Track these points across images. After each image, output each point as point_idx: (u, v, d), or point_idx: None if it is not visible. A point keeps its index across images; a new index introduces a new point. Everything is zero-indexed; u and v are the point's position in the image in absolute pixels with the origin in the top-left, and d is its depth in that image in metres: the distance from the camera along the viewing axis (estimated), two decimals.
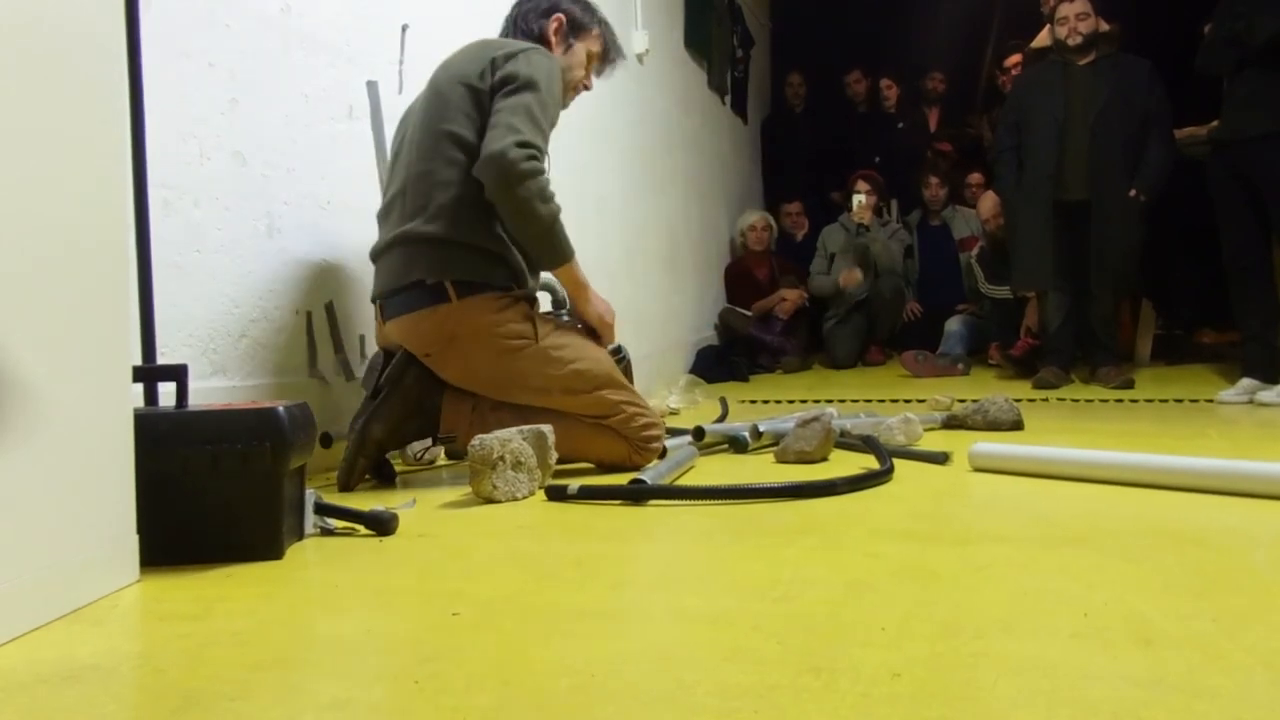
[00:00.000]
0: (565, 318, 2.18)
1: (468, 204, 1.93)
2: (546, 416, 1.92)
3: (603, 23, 2.27)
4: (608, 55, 2.29)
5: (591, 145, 3.67)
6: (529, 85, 1.93)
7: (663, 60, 4.58)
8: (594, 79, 2.30)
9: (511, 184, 1.86)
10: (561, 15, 2.20)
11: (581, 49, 2.22)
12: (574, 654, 0.91)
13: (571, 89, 2.21)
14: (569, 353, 1.99)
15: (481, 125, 1.94)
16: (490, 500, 1.70)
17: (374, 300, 2.05)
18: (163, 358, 1.71)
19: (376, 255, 2.04)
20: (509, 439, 1.73)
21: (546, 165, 1.93)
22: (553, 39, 2.18)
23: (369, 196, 2.44)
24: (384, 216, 2.06)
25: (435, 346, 1.95)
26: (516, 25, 2.22)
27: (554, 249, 1.98)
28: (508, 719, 0.77)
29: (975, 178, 5.49)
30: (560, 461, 1.89)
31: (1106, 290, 3.94)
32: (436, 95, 2.02)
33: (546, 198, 1.91)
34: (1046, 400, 3.52)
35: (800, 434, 2.09)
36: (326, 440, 2.11)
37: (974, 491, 1.77)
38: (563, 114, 2.14)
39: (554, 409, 1.97)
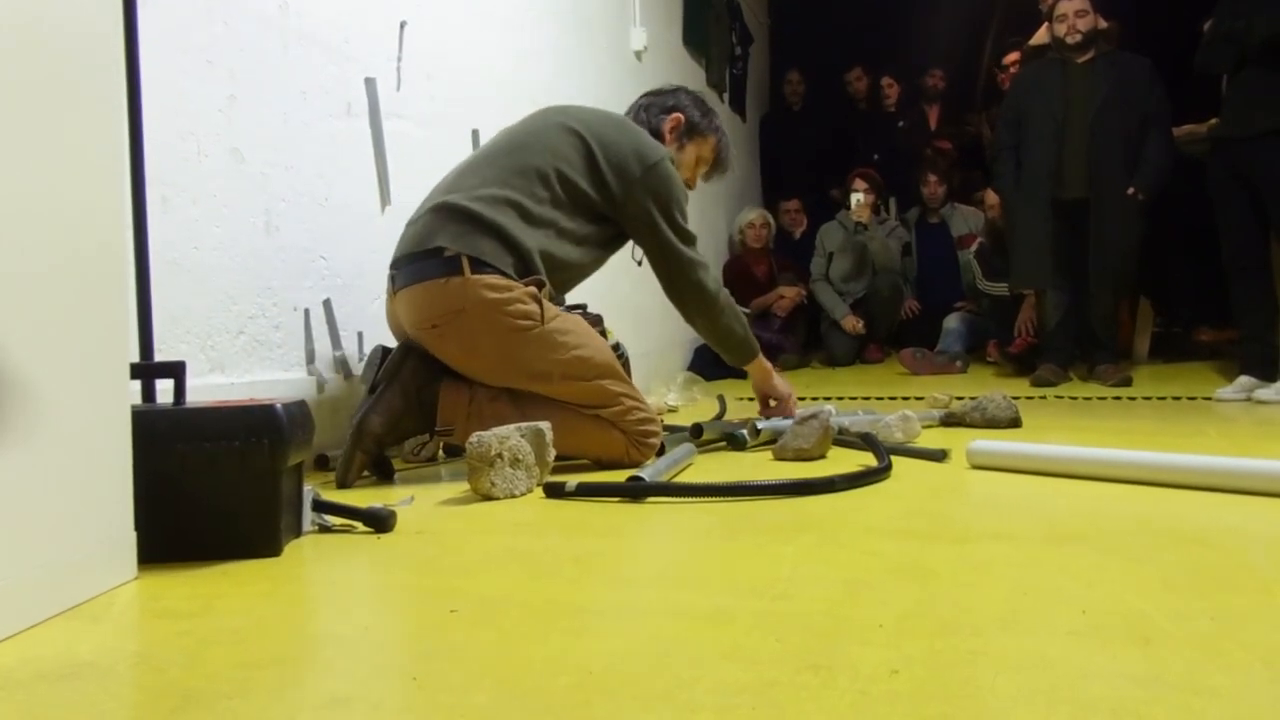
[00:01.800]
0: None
1: (515, 207, 1.97)
2: (544, 410, 1.92)
3: (719, 131, 2.37)
4: (718, 163, 2.39)
5: None
6: (678, 211, 2.14)
7: (661, 58, 4.58)
8: (699, 181, 2.40)
9: (721, 326, 2.29)
10: (680, 116, 2.29)
11: (693, 152, 2.33)
12: (572, 651, 0.91)
13: None
14: (573, 338, 1.99)
15: (588, 200, 2.06)
16: (488, 497, 1.70)
17: (391, 268, 2.06)
18: (160, 354, 1.71)
19: (411, 222, 2.07)
20: (507, 436, 1.73)
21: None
22: (668, 136, 2.27)
23: (367, 193, 2.44)
24: (430, 193, 2.11)
25: (443, 319, 1.94)
26: (638, 116, 2.30)
27: (746, 352, 2.37)
28: (506, 716, 0.77)
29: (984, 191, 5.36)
30: (558, 458, 1.88)
31: (1105, 288, 3.94)
32: (550, 128, 2.10)
33: (739, 318, 2.29)
34: (1045, 398, 3.52)
35: (798, 431, 2.09)
36: (323, 461, 2.11)
37: (972, 489, 1.77)
38: None
39: (552, 399, 1.97)
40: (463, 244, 1.93)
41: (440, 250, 1.93)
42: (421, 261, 1.96)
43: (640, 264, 2.29)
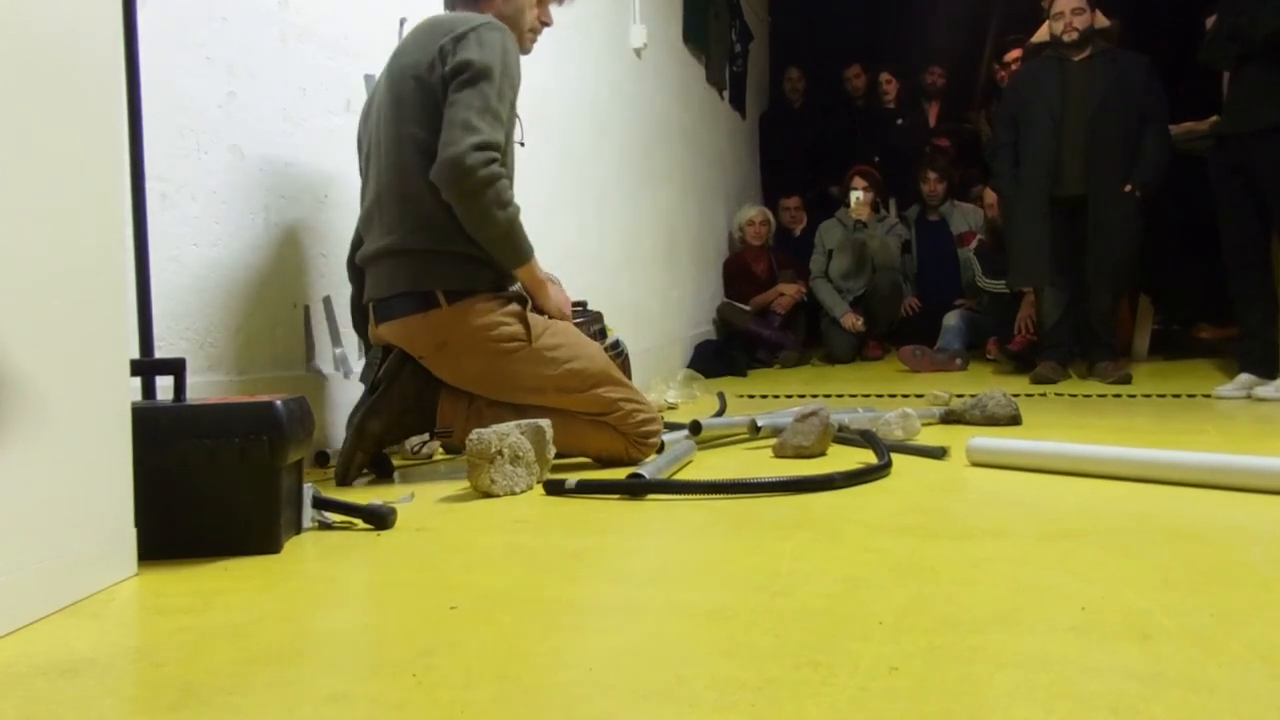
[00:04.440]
0: None
1: (444, 213, 1.86)
2: (544, 410, 1.91)
3: None
4: None
5: (589, 139, 3.67)
6: (484, 74, 1.82)
7: (661, 55, 4.57)
8: (553, 12, 2.15)
9: (468, 192, 1.80)
10: None
11: None
12: (572, 648, 0.91)
13: (529, 32, 2.10)
14: (563, 352, 1.97)
15: (437, 124, 1.84)
16: (488, 494, 1.70)
17: (365, 304, 2.02)
18: (160, 351, 1.71)
19: (364, 261, 1.99)
20: (507, 433, 1.73)
21: (505, 162, 1.87)
22: None
23: None
24: (365, 224, 2.00)
25: (426, 350, 1.92)
26: None
27: (513, 251, 1.92)
28: (505, 712, 0.77)
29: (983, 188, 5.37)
30: (558, 456, 1.88)
31: (1104, 286, 3.94)
32: (393, 91, 1.93)
33: (504, 202, 1.84)
34: (1044, 395, 3.52)
35: (798, 428, 2.09)
36: (323, 458, 2.10)
37: (971, 486, 1.77)
38: (561, 106, 2.09)
39: (551, 407, 1.96)
40: (430, 281, 1.88)
41: (410, 291, 1.88)
42: (398, 298, 1.90)
43: (522, 145, 2.02)
